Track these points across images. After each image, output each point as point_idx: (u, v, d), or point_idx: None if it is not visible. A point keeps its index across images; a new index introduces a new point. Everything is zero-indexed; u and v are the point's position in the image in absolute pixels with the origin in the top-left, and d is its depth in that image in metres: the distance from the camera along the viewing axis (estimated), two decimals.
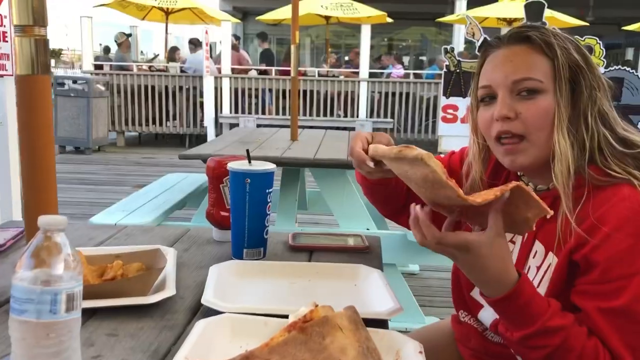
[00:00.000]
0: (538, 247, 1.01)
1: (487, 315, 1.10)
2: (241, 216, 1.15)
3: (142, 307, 0.92)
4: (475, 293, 1.12)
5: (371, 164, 0.99)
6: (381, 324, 0.90)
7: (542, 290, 0.97)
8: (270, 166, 1.16)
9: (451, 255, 0.88)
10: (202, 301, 0.93)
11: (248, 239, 1.16)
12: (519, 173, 1.09)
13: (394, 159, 0.88)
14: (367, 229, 2.88)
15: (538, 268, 1.00)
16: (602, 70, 5.91)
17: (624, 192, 0.92)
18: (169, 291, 0.96)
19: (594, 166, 0.96)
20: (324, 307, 0.81)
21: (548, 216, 0.84)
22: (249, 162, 1.17)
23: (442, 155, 1.26)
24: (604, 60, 6.20)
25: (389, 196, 1.20)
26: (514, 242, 1.07)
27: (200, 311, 0.94)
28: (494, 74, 1.01)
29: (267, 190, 1.15)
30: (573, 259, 0.93)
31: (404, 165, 0.87)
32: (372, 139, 1.04)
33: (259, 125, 8.36)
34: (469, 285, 1.14)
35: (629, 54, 14.76)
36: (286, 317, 0.83)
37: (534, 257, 1.01)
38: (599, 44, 6.31)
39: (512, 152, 1.00)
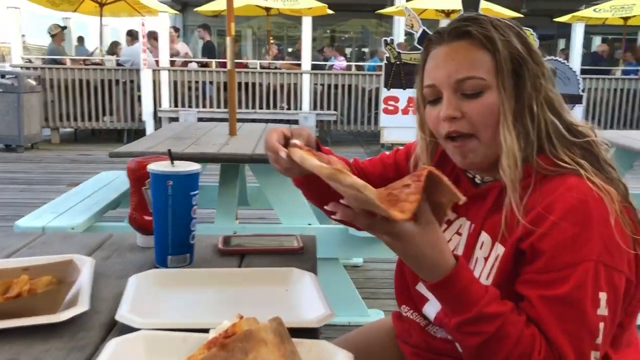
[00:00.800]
0: (484, 237, 1.00)
1: (432, 309, 1.08)
2: (164, 221, 1.08)
3: (51, 326, 0.84)
4: (421, 286, 1.10)
5: (283, 154, 0.95)
6: (312, 332, 0.85)
7: (489, 280, 0.96)
8: (194, 167, 1.09)
9: (386, 242, 0.87)
10: (116, 317, 0.86)
11: (172, 245, 1.09)
12: None
13: (324, 178, 0.84)
14: (309, 224, 2.84)
15: (485, 259, 0.99)
16: None
17: (571, 182, 0.92)
18: (82, 307, 0.88)
19: (543, 156, 0.96)
20: (247, 319, 0.76)
21: (460, 202, 0.81)
22: (172, 162, 1.09)
23: (387, 153, 1.24)
24: (539, 51, 6.37)
25: (322, 195, 1.15)
26: (460, 234, 1.06)
27: (116, 327, 0.87)
28: (437, 73, 0.99)
29: (191, 193, 1.08)
30: (520, 247, 0.93)
31: (332, 182, 0.83)
32: (292, 135, 1.00)
33: (200, 119, 8.17)
34: (414, 278, 1.11)
35: (561, 44, 15.29)
36: (207, 331, 0.78)
37: (480, 249, 1.00)
38: (534, 34, 6.48)
39: (462, 151, 0.99)
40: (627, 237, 0.90)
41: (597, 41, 14.24)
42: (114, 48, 10.06)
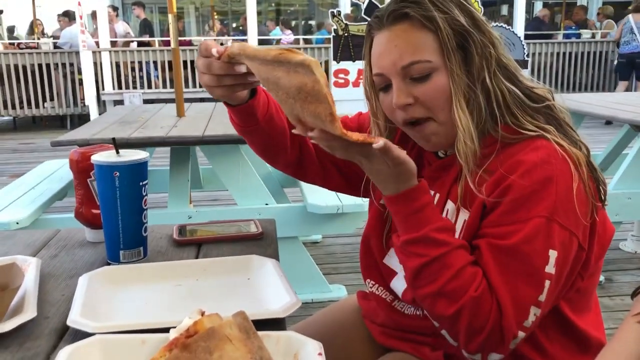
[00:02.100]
0: (449, 205, 0.99)
1: (400, 283, 1.06)
2: (113, 214, 1.01)
3: None
4: (389, 259, 1.09)
5: (215, 52, 0.88)
6: (278, 322, 0.82)
7: None
8: (141, 155, 1.02)
9: (357, 159, 0.88)
10: (68, 322, 0.80)
11: (123, 239, 1.03)
12: None
13: (269, 62, 0.80)
14: (267, 204, 2.79)
15: None
16: None
17: (537, 143, 0.91)
18: (29, 313, 0.82)
19: (505, 126, 0.94)
20: (209, 316, 0.72)
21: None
22: (117, 152, 1.03)
23: (349, 116, 1.20)
24: (483, 17, 6.43)
25: (269, 144, 1.11)
26: None
27: (68, 334, 0.81)
28: (382, 61, 0.96)
29: (140, 183, 1.02)
30: (486, 205, 0.92)
31: (277, 71, 0.79)
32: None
33: (145, 101, 7.94)
34: (381, 251, 1.10)
35: (504, 10, 15.52)
36: (167, 331, 0.73)
37: (446, 216, 0.98)
38: (477, 1, 6.52)
39: (424, 135, 0.98)
40: (586, 205, 0.90)
41: (538, 6, 14.50)
42: (33, 27, 9.54)
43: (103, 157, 1.01)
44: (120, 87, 8.81)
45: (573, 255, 0.90)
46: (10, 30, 10.67)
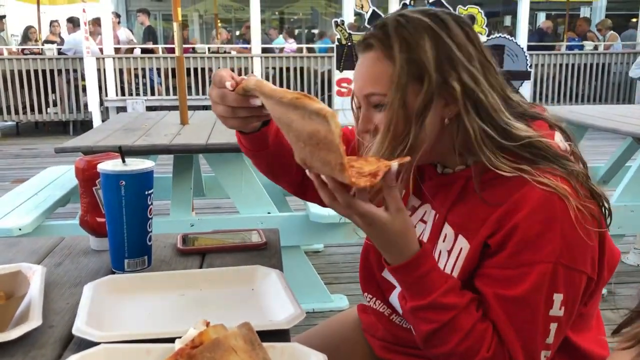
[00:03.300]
0: (447, 230, 0.97)
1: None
2: (118, 223, 1.02)
3: (0, 346, 0.78)
4: (387, 273, 1.08)
5: (228, 86, 0.89)
6: (282, 333, 0.82)
7: (454, 274, 0.94)
8: (147, 164, 1.03)
9: (356, 222, 0.86)
10: (73, 331, 0.80)
11: (128, 248, 1.03)
12: None
13: (285, 104, 0.79)
14: (269, 213, 2.79)
15: (449, 252, 0.97)
16: (484, 39, 6.16)
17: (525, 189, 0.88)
18: (34, 322, 0.82)
19: (480, 164, 0.92)
20: (215, 327, 0.72)
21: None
22: (123, 161, 1.03)
23: (349, 127, 1.19)
24: (486, 28, 6.45)
25: (275, 164, 1.12)
26: (425, 222, 1.04)
27: (73, 342, 0.81)
28: (354, 86, 0.97)
29: (146, 192, 1.02)
30: (488, 242, 0.91)
31: (291, 114, 0.78)
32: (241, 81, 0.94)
33: (148, 107, 7.95)
34: (380, 265, 1.09)
35: (507, 21, 15.56)
36: (172, 341, 0.73)
37: (443, 241, 0.98)
38: (481, 12, 6.54)
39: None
40: (589, 231, 0.88)
41: (541, 17, 14.55)
42: (27, 34, 9.54)
43: (109, 166, 1.02)
44: (123, 94, 8.84)
45: (581, 290, 0.89)
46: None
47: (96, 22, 8.83)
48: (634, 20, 11.62)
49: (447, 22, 0.91)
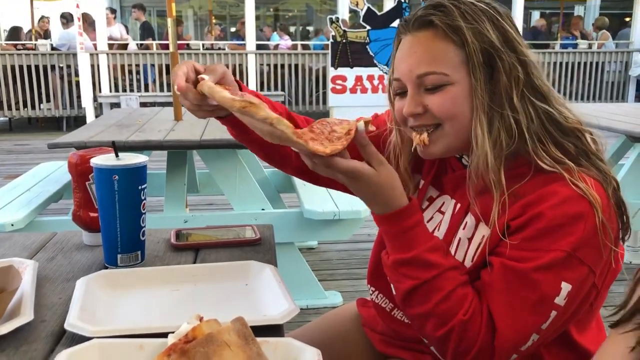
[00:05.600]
0: (469, 218, 0.96)
1: None
2: (111, 218, 1.01)
3: None
4: None
5: (176, 88, 0.93)
6: (276, 328, 0.82)
7: (473, 261, 0.93)
8: (141, 159, 1.02)
9: (341, 180, 0.87)
10: (65, 326, 0.80)
11: (121, 243, 1.03)
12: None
13: (235, 111, 0.86)
14: (263, 210, 2.79)
15: (469, 239, 0.96)
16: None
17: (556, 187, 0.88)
18: (26, 316, 0.82)
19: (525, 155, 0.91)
20: (208, 322, 0.72)
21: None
22: (116, 155, 1.03)
23: (379, 114, 1.18)
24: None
25: (271, 151, 1.11)
26: (443, 212, 1.02)
27: (65, 337, 0.81)
28: (401, 67, 0.94)
29: (139, 187, 1.02)
30: (509, 224, 0.89)
31: (246, 117, 0.85)
32: (204, 70, 0.96)
33: (142, 104, 7.92)
34: None
35: None
36: (165, 336, 0.73)
37: (464, 229, 0.97)
38: None
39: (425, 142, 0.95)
40: (606, 245, 0.87)
41: (536, 15, 14.57)
42: (15, 34, 9.49)
43: (102, 160, 1.01)
44: (117, 90, 8.80)
45: (586, 291, 0.89)
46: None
47: (85, 17, 8.76)
48: (627, 19, 11.66)
49: (496, 8, 0.93)
